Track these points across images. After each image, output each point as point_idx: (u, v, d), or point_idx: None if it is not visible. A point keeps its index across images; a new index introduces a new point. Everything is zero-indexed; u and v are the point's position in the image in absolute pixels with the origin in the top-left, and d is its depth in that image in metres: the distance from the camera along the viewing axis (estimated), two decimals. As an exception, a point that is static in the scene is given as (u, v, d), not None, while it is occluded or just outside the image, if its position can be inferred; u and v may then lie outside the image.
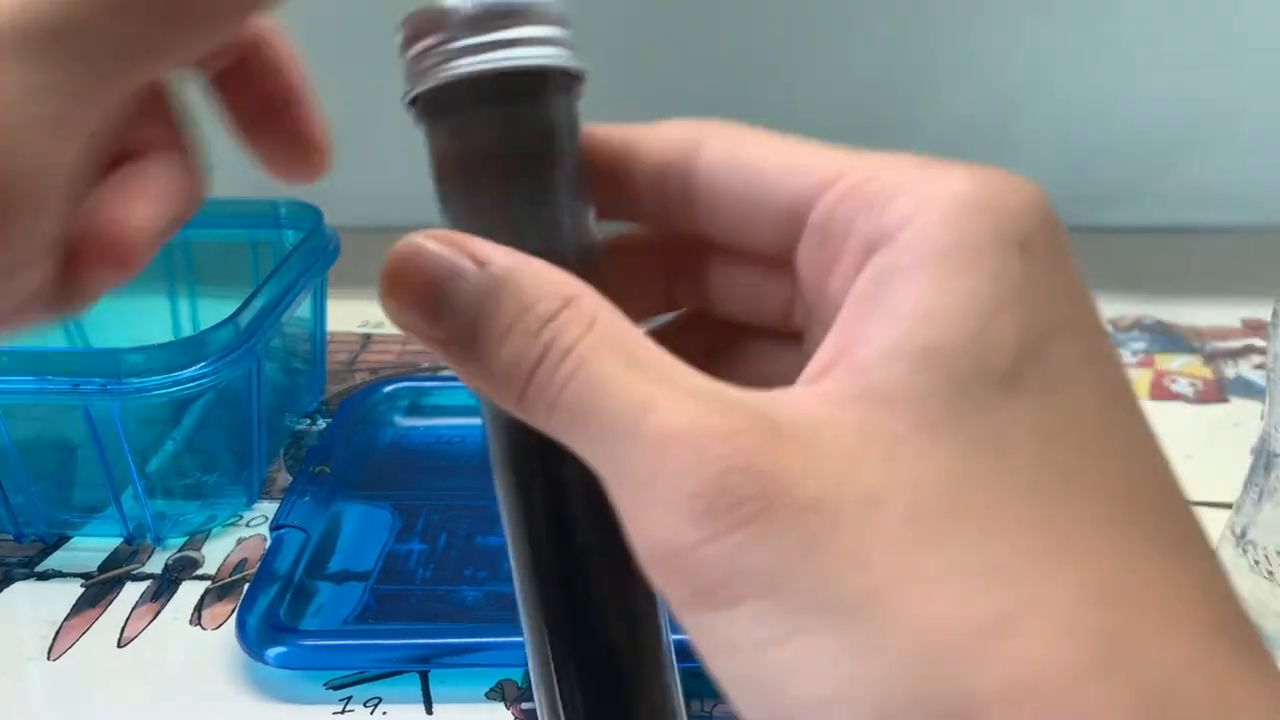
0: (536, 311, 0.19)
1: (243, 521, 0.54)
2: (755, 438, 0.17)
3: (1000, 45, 0.81)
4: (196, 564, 0.51)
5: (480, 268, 0.19)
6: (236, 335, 0.50)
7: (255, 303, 0.52)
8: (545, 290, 0.19)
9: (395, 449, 0.59)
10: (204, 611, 0.48)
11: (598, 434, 0.18)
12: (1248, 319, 0.72)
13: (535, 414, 0.19)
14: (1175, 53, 0.81)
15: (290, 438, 0.60)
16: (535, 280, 0.19)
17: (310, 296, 0.60)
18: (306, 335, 0.63)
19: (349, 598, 0.48)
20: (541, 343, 0.19)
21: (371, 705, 0.43)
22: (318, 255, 0.59)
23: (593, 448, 0.18)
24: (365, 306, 0.72)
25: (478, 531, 0.51)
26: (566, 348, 0.18)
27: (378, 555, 0.50)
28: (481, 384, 0.20)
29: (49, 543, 0.52)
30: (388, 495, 0.54)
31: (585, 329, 0.18)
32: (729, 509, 0.16)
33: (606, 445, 0.18)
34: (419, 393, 0.62)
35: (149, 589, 0.49)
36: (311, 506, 0.51)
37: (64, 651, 0.46)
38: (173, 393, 0.48)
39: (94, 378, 0.47)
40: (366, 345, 0.70)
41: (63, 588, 0.49)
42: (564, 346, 0.18)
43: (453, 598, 0.48)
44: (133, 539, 0.52)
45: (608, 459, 0.18)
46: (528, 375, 0.19)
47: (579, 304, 0.19)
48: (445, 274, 0.19)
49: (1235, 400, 0.64)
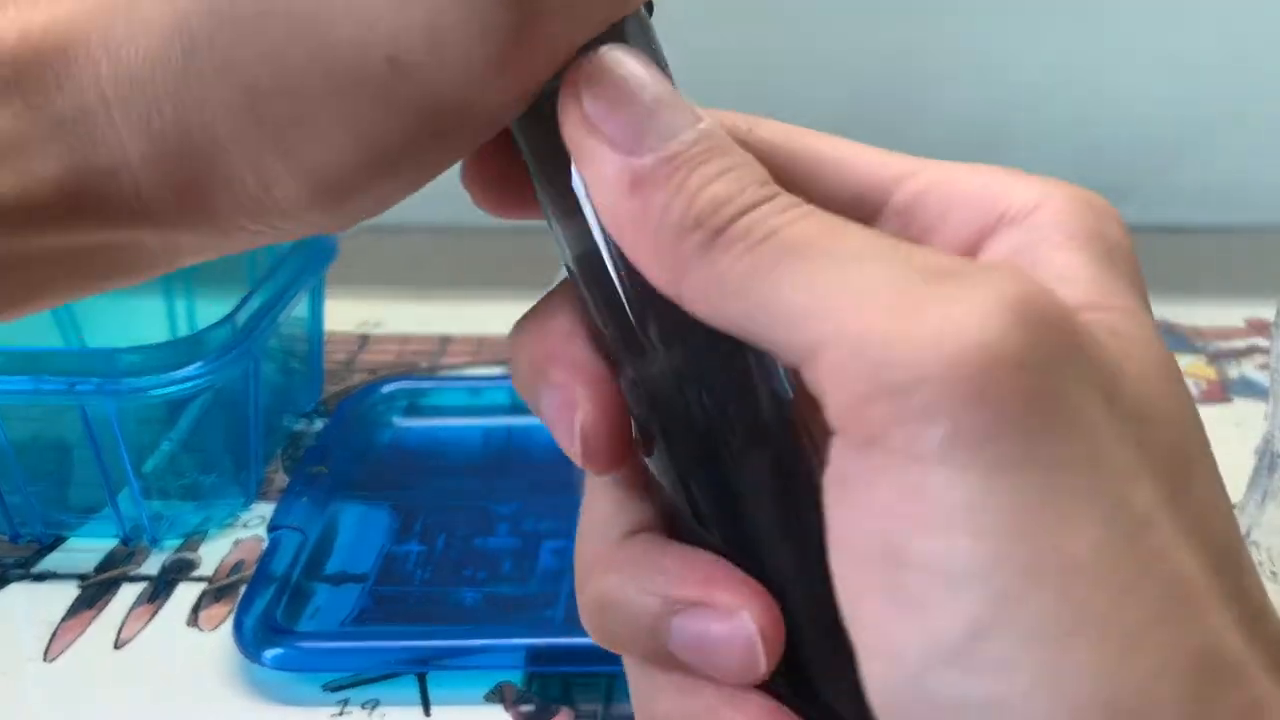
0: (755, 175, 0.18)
1: (240, 522, 0.53)
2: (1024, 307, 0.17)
3: (1000, 45, 0.81)
4: (193, 565, 0.50)
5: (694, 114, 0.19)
6: (233, 335, 0.50)
7: (252, 302, 0.52)
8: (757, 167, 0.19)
9: (393, 449, 0.59)
10: (201, 613, 0.48)
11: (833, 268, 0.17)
12: (1251, 319, 0.72)
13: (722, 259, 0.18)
14: (1175, 53, 0.80)
15: (287, 438, 0.60)
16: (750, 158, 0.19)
17: (307, 296, 0.60)
18: (304, 335, 0.62)
19: (347, 599, 0.47)
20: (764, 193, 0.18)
21: (369, 707, 0.42)
22: (315, 254, 0.59)
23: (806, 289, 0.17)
24: (363, 306, 0.72)
25: (476, 533, 0.51)
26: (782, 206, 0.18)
27: (376, 556, 0.50)
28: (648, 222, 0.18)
29: (45, 544, 0.52)
30: (386, 496, 0.54)
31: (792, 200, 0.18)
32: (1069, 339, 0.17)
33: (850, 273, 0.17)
34: (417, 393, 0.61)
35: (146, 590, 0.49)
36: (309, 507, 0.51)
37: (60, 653, 0.45)
38: (169, 393, 0.47)
39: (90, 378, 0.47)
40: (364, 345, 0.69)
41: (59, 589, 0.49)
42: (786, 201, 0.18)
43: (451, 599, 0.47)
44: (129, 540, 0.52)
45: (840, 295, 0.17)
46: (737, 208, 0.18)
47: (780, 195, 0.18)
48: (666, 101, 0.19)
49: (1239, 400, 0.63)
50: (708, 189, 0.18)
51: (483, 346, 0.69)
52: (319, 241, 0.59)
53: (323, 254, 0.59)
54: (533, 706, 0.42)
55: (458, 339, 0.70)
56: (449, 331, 0.70)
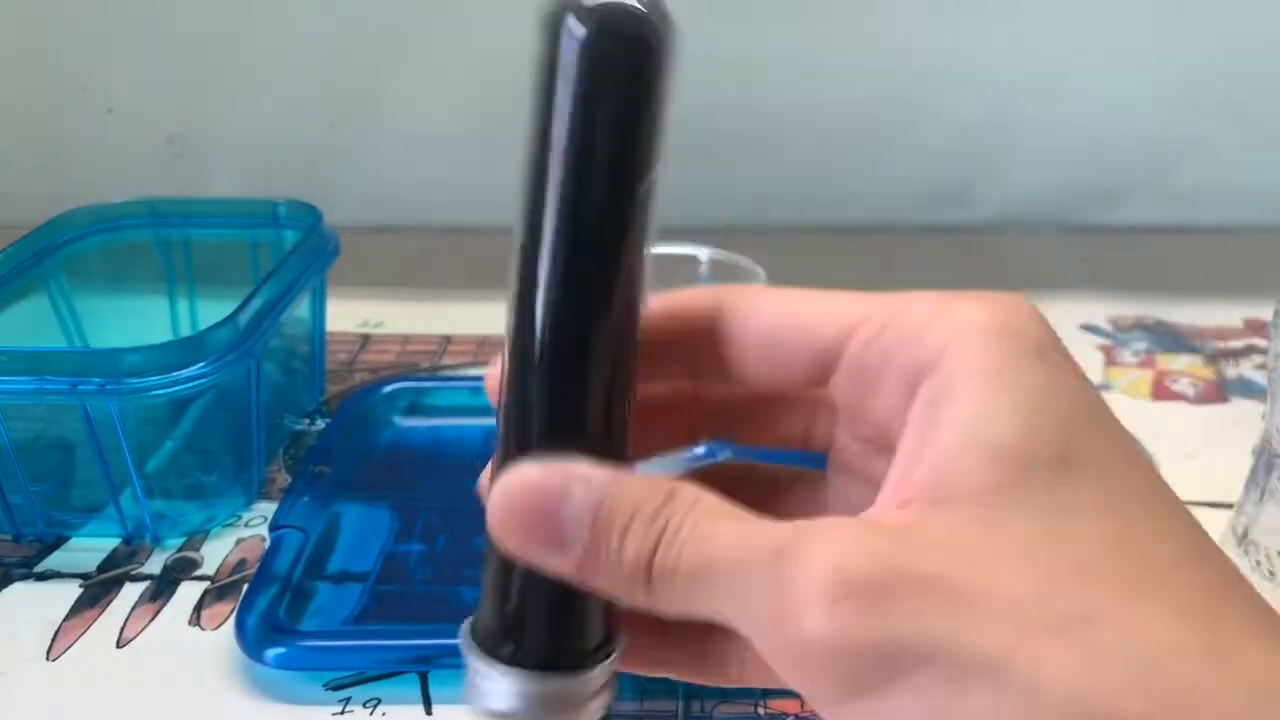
0: (645, 509, 0.22)
1: (242, 522, 0.53)
2: (883, 539, 0.20)
3: (1000, 45, 0.81)
4: (195, 564, 0.51)
5: (586, 485, 0.22)
6: (235, 335, 0.50)
7: (254, 302, 0.52)
8: (650, 489, 0.22)
9: (394, 449, 0.59)
10: (203, 612, 0.48)
11: (727, 580, 0.21)
12: (1249, 319, 0.72)
13: (662, 592, 0.22)
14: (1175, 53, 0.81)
15: (289, 438, 0.60)
16: (638, 483, 0.22)
17: (309, 296, 0.60)
18: (306, 335, 0.62)
19: (348, 598, 0.47)
20: (657, 527, 0.21)
21: (371, 706, 0.42)
22: (317, 255, 0.59)
23: (721, 598, 0.21)
24: (364, 306, 0.72)
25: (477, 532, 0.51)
26: (677, 526, 0.21)
27: (377, 556, 0.50)
28: (610, 588, 0.22)
29: (48, 543, 0.52)
30: (387, 496, 0.54)
31: (691, 506, 0.22)
32: (879, 596, 0.19)
33: (737, 585, 0.21)
34: (418, 393, 0.61)
35: (148, 589, 0.49)
36: (310, 507, 0.51)
37: (63, 652, 0.45)
38: (172, 393, 0.48)
39: (93, 378, 0.47)
40: (366, 345, 0.70)
41: (61, 588, 0.49)
42: (675, 526, 0.21)
43: (452, 598, 0.48)
44: (131, 539, 0.52)
45: (740, 599, 0.21)
46: (648, 558, 0.21)
47: (681, 491, 0.22)
48: (557, 497, 0.22)
49: (1236, 400, 0.64)
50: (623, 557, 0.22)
51: (483, 346, 0.69)
52: (321, 242, 0.60)
53: (324, 254, 0.60)
54: (533, 705, 0.42)
55: (459, 339, 0.70)
56: (450, 331, 0.71)
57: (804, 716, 0.41)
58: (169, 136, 0.86)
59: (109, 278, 0.62)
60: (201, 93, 0.84)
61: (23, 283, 0.57)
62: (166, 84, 0.84)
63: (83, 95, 0.85)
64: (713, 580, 0.21)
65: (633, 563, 0.21)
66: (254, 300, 0.52)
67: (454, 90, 0.82)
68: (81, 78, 0.85)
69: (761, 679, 0.24)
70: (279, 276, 0.55)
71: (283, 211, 0.62)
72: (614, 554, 0.22)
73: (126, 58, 0.84)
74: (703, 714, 0.41)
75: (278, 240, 0.62)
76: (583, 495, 0.22)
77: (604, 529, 0.22)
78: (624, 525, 0.22)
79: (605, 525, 0.22)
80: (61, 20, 0.83)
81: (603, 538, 0.22)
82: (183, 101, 0.85)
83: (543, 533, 0.22)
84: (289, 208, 0.62)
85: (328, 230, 0.61)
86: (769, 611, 0.20)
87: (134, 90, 0.85)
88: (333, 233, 0.61)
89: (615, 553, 0.22)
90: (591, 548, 0.22)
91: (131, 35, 0.83)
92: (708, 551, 0.21)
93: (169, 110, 0.85)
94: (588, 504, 0.22)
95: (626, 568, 0.22)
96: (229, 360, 0.49)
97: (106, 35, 0.83)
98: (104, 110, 0.85)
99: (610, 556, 0.22)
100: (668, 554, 0.21)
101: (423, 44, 0.81)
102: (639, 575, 0.21)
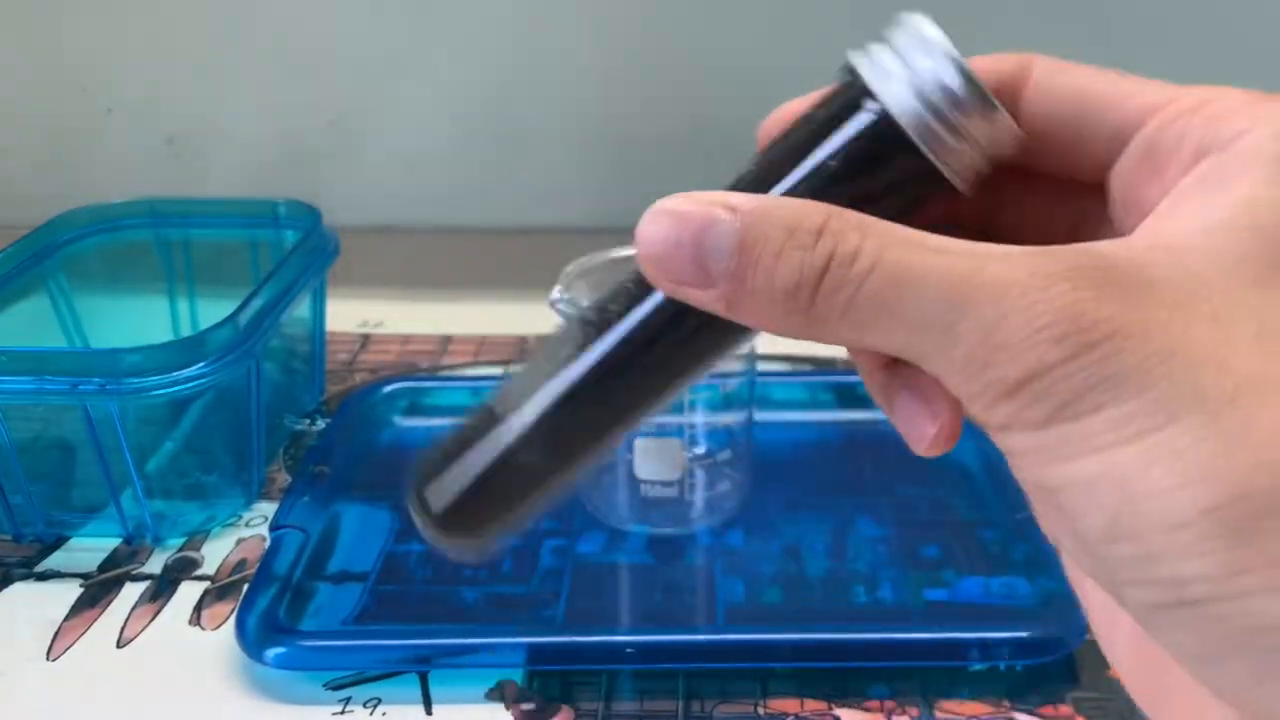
0: (805, 228, 0.20)
1: (242, 522, 0.54)
2: (1094, 271, 0.19)
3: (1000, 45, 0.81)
4: (196, 564, 0.51)
5: (731, 212, 0.21)
6: (236, 335, 0.50)
7: (254, 303, 0.52)
8: (803, 212, 0.21)
9: (395, 449, 0.59)
10: (203, 612, 0.48)
11: (913, 317, 0.20)
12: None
13: (825, 324, 0.21)
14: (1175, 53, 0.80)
15: (289, 438, 0.60)
16: (790, 208, 0.21)
17: (309, 296, 0.60)
18: (306, 335, 0.62)
19: (348, 598, 0.48)
20: (821, 253, 0.20)
21: (371, 706, 0.42)
22: (317, 255, 0.59)
23: (904, 334, 0.20)
24: (365, 306, 0.72)
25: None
26: (852, 251, 0.20)
27: (377, 556, 0.50)
28: (760, 317, 0.21)
29: (48, 543, 0.52)
30: (387, 495, 0.54)
31: (861, 233, 0.20)
32: (1087, 329, 0.19)
33: (926, 322, 0.20)
34: (418, 393, 0.61)
35: (148, 589, 0.49)
36: (311, 507, 0.51)
37: (63, 652, 0.45)
38: (172, 393, 0.48)
39: (93, 378, 0.47)
40: (366, 345, 0.70)
41: (62, 588, 0.49)
42: (848, 250, 0.20)
43: (452, 598, 0.48)
44: (132, 539, 0.52)
45: (927, 335, 0.20)
46: (813, 287, 0.20)
47: (842, 216, 0.20)
48: (701, 225, 0.21)
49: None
50: (776, 282, 0.21)
51: (484, 346, 0.69)
52: (321, 242, 0.60)
53: (324, 254, 0.60)
54: (533, 705, 0.42)
55: (459, 339, 0.70)
56: (450, 331, 0.71)
57: (804, 716, 0.41)
58: (169, 136, 0.86)
59: (109, 278, 0.62)
60: (201, 93, 0.85)
61: (23, 283, 0.57)
62: (166, 84, 0.85)
63: (83, 95, 0.85)
64: (898, 319, 0.20)
65: (788, 290, 0.20)
66: (254, 300, 0.52)
67: (454, 91, 0.82)
68: (81, 78, 0.85)
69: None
70: (279, 276, 0.55)
71: (283, 211, 0.62)
72: (765, 280, 0.21)
73: (126, 58, 0.84)
74: (703, 714, 0.41)
75: (278, 240, 0.62)
76: (728, 221, 0.21)
77: (750, 254, 0.21)
78: (775, 253, 0.21)
79: (751, 250, 0.21)
80: (61, 20, 0.83)
81: (748, 264, 0.21)
82: (183, 101, 0.85)
83: (688, 263, 0.21)
84: (289, 208, 0.62)
85: (328, 230, 0.61)
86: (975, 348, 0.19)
87: (134, 90, 0.85)
88: (333, 233, 0.61)
89: (767, 278, 0.21)
90: (738, 274, 0.21)
91: (131, 35, 0.83)
92: (894, 289, 0.20)
93: (169, 110, 0.85)
94: (733, 230, 0.21)
95: (779, 294, 0.21)
96: (229, 360, 0.49)
97: (106, 35, 0.83)
98: (104, 110, 0.85)
99: (760, 282, 0.21)
100: (837, 287, 0.20)
101: (423, 44, 0.81)
102: (798, 302, 0.20)
